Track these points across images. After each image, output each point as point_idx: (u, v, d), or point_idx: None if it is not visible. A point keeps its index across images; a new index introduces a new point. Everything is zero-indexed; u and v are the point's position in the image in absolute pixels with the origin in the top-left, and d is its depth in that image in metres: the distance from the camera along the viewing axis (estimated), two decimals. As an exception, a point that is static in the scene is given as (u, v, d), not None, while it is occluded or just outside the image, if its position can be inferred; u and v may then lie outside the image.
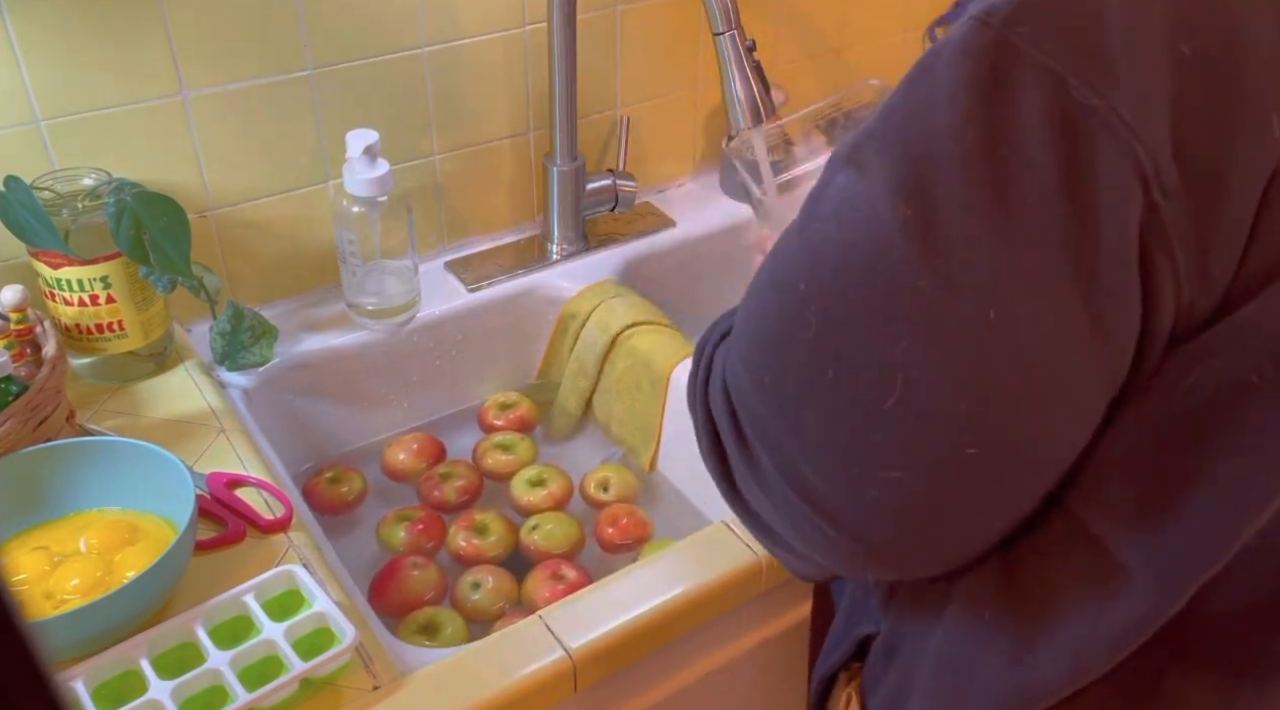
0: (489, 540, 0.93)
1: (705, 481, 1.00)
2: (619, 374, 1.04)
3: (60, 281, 0.85)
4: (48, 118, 0.86)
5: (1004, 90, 0.41)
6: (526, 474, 1.00)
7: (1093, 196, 0.40)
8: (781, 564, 0.59)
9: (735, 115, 0.97)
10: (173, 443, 0.83)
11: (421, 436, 1.04)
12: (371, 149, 0.95)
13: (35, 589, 0.69)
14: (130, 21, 0.86)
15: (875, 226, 0.43)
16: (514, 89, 1.09)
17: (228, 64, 0.92)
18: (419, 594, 0.88)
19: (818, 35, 1.30)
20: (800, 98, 1.32)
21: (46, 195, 0.84)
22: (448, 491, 0.98)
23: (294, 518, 0.79)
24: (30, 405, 0.76)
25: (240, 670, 0.66)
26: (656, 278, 1.16)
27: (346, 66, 0.98)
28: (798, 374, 0.47)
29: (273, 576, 0.72)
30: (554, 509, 0.98)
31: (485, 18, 1.03)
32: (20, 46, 0.83)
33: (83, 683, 0.64)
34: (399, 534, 0.94)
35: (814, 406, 0.46)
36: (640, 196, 1.20)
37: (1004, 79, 0.41)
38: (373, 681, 0.68)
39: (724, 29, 0.94)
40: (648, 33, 1.14)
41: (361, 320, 1.02)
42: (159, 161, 0.92)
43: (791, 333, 0.47)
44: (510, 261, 1.12)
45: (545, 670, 0.69)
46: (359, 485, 0.99)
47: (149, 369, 0.92)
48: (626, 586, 0.75)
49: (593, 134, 1.17)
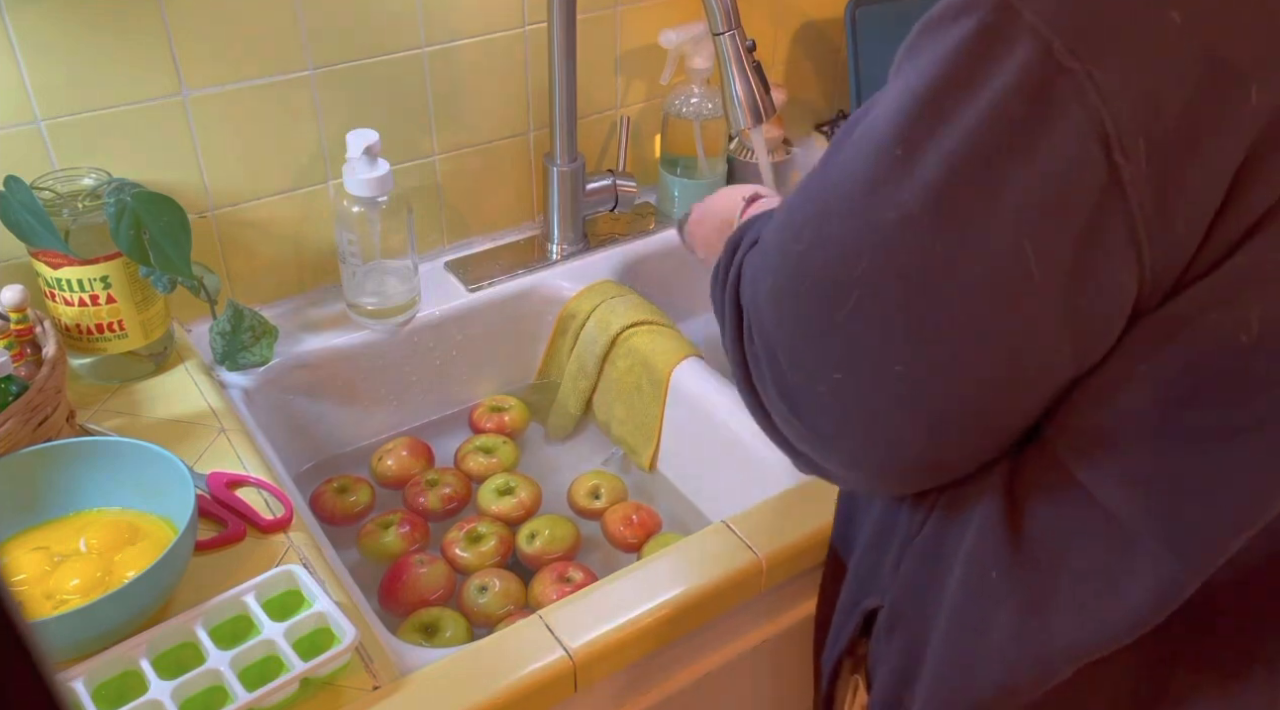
0: (484, 549, 0.93)
1: (705, 481, 1.01)
2: (619, 374, 1.04)
3: (60, 281, 0.85)
4: (48, 118, 0.86)
5: (997, 47, 0.43)
6: (494, 482, 0.99)
7: (1050, 156, 0.43)
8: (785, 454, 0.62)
9: (735, 115, 0.97)
10: (173, 443, 0.83)
11: (409, 441, 1.04)
12: (371, 149, 0.95)
13: (35, 589, 0.69)
14: (130, 21, 0.86)
15: (873, 159, 0.47)
16: (514, 89, 1.09)
17: (228, 64, 0.92)
18: (426, 592, 0.88)
19: (818, 35, 1.30)
20: (800, 98, 1.33)
21: (46, 195, 0.84)
22: (432, 499, 0.98)
23: (294, 518, 0.79)
24: (30, 405, 0.76)
25: (240, 670, 0.66)
26: (656, 278, 1.16)
27: (346, 66, 0.98)
28: (787, 279, 0.52)
29: (273, 576, 0.72)
30: (524, 517, 0.97)
31: (485, 18, 1.03)
32: (20, 46, 0.83)
33: (83, 683, 0.64)
34: (390, 538, 0.93)
35: (791, 308, 0.52)
36: (640, 196, 1.20)
37: (999, 37, 0.43)
38: (373, 681, 0.68)
39: (724, 29, 0.94)
40: (648, 32, 1.14)
41: (361, 320, 1.02)
42: (159, 161, 0.93)
43: (788, 240, 0.52)
44: (510, 261, 1.12)
45: (545, 670, 0.69)
46: (366, 496, 0.98)
47: (149, 369, 0.92)
48: (627, 586, 0.75)
49: (593, 134, 1.17)
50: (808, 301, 0.51)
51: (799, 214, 0.52)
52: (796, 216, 0.52)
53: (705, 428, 0.97)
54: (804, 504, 0.81)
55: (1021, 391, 0.49)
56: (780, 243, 0.53)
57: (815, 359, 0.51)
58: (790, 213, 0.53)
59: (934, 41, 0.46)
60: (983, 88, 0.44)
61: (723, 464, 0.96)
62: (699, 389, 0.98)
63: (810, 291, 0.50)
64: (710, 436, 0.96)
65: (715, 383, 0.97)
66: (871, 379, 0.49)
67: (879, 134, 0.48)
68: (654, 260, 1.17)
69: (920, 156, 0.46)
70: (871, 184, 0.47)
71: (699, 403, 0.97)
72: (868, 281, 0.48)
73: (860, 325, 0.49)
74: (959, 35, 0.45)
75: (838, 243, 0.49)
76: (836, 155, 0.51)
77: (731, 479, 0.95)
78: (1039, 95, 0.43)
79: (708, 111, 1.14)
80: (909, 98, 0.47)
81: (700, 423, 0.97)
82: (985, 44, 0.44)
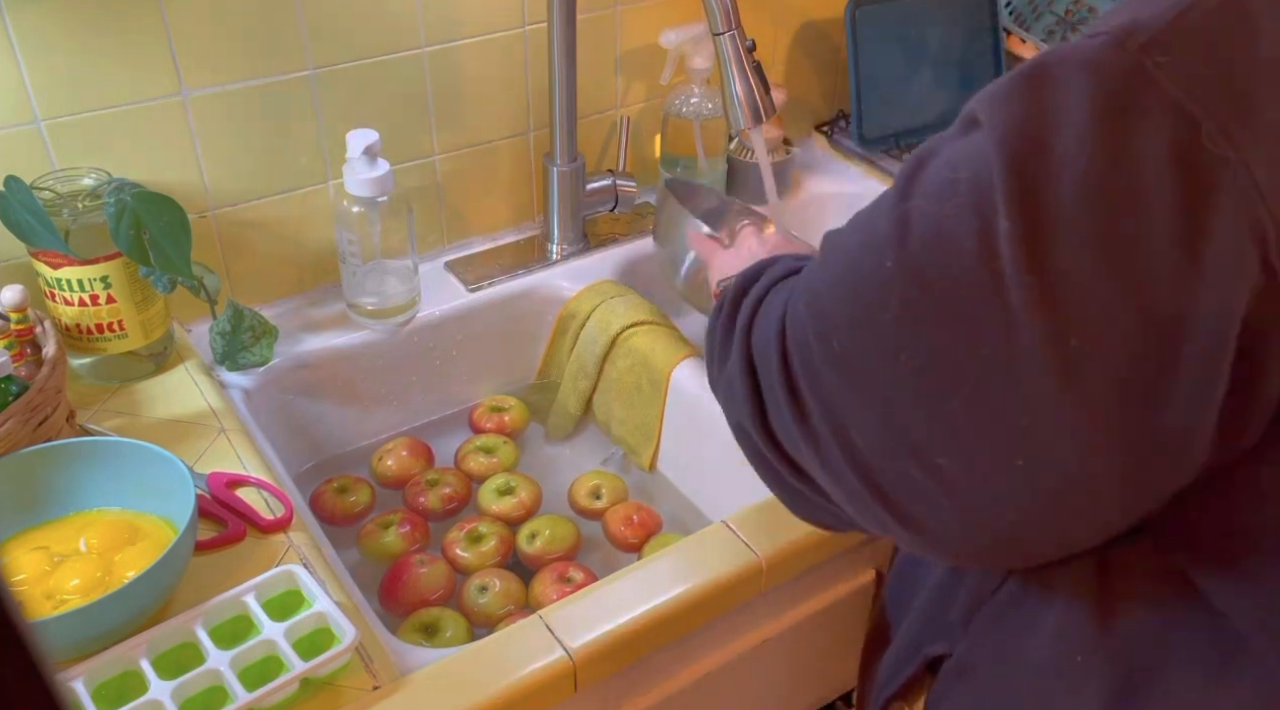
0: (484, 549, 0.93)
1: (705, 481, 1.01)
2: (619, 374, 1.04)
3: (60, 281, 0.85)
4: (48, 118, 0.86)
5: (1129, 120, 0.38)
6: (495, 482, 0.99)
7: (1204, 255, 0.38)
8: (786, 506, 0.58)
9: (735, 115, 0.97)
10: (173, 443, 0.83)
11: (409, 441, 1.04)
12: (371, 149, 0.95)
13: (35, 589, 0.69)
14: (130, 21, 0.86)
15: (974, 224, 0.41)
16: (514, 89, 1.09)
17: (228, 64, 0.92)
18: (427, 592, 0.88)
19: (818, 35, 1.30)
20: (800, 98, 1.33)
21: (46, 195, 0.84)
22: (432, 499, 0.98)
23: (294, 518, 0.79)
24: (30, 405, 0.76)
25: (240, 670, 0.66)
26: (656, 278, 1.16)
27: (346, 66, 0.98)
28: (870, 349, 0.46)
29: (273, 576, 0.72)
30: (525, 517, 0.97)
31: (485, 18, 1.03)
32: (20, 47, 0.83)
33: (83, 683, 0.64)
34: (390, 538, 0.93)
35: (878, 385, 0.46)
36: (640, 196, 1.20)
37: (1131, 108, 0.38)
38: (373, 681, 0.68)
39: (724, 29, 0.93)
40: (649, 32, 1.14)
41: (361, 320, 1.02)
42: (159, 161, 0.93)
43: (871, 309, 0.46)
44: (510, 261, 1.12)
45: (545, 670, 0.69)
46: (366, 496, 0.98)
47: (149, 369, 0.92)
48: (627, 586, 0.75)
49: (593, 134, 1.17)
50: (901, 381, 0.45)
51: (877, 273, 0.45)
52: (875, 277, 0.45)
53: (705, 428, 0.97)
54: (804, 504, 0.81)
55: (1145, 491, 0.45)
56: (856, 307, 0.46)
57: (908, 444, 0.46)
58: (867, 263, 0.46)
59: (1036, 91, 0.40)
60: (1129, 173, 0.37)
61: (723, 464, 0.95)
62: (699, 389, 0.98)
63: (908, 373, 0.44)
64: (710, 436, 0.96)
65: (715, 383, 0.97)
66: (986, 473, 0.44)
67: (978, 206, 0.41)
68: (654, 260, 1.16)
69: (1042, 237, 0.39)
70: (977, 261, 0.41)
71: (699, 403, 0.97)
72: (984, 375, 0.42)
73: (971, 417, 0.43)
74: (1077, 95, 0.38)
75: (943, 321, 0.43)
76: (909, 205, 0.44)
77: (731, 479, 0.95)
78: (1193, 188, 0.37)
79: (708, 111, 1.14)
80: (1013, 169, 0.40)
81: (700, 423, 0.97)
82: (1114, 114, 0.38)
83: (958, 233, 0.42)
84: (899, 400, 0.45)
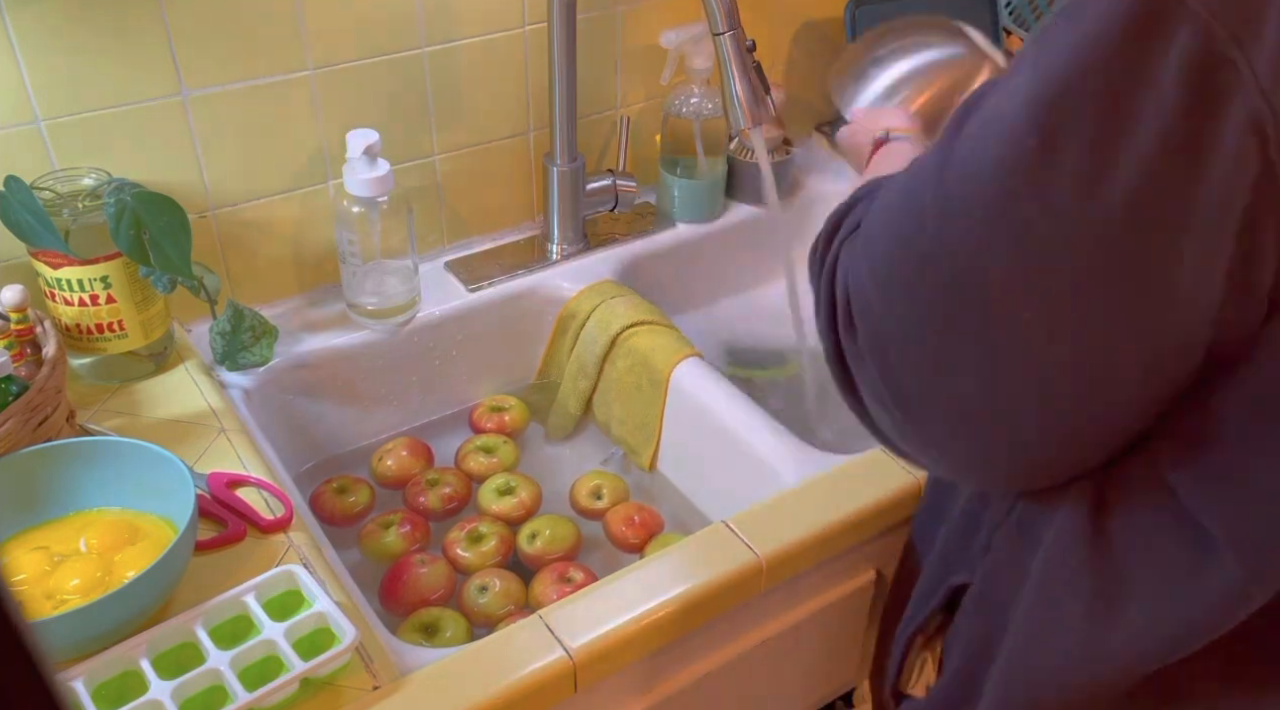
0: (484, 549, 0.93)
1: (705, 481, 1.01)
2: (619, 374, 1.04)
3: (60, 281, 0.85)
4: (48, 118, 0.86)
5: (1156, 37, 0.41)
6: (495, 482, 0.99)
7: (1208, 153, 0.41)
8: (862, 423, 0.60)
9: (735, 115, 0.97)
10: (173, 443, 0.83)
11: (409, 441, 1.04)
12: (371, 149, 0.95)
13: (35, 589, 0.69)
14: (130, 21, 0.86)
15: (1003, 149, 0.44)
16: (514, 89, 1.09)
17: (228, 64, 0.92)
18: (427, 592, 0.88)
19: (818, 35, 1.30)
20: (800, 98, 1.33)
21: (46, 195, 0.84)
22: (432, 499, 0.98)
23: (294, 518, 0.79)
24: (30, 405, 0.76)
25: (240, 670, 0.66)
26: (656, 278, 1.16)
27: (346, 66, 0.98)
28: (906, 277, 0.49)
29: (273, 576, 0.72)
30: (525, 517, 0.97)
31: (485, 18, 1.03)
32: (20, 47, 0.83)
33: (83, 683, 0.64)
34: (390, 538, 0.93)
35: (909, 308, 0.49)
36: (640, 196, 1.20)
37: (1158, 24, 0.41)
38: (373, 681, 0.68)
39: (724, 29, 0.93)
40: (649, 32, 1.14)
41: (361, 320, 1.02)
42: (159, 161, 0.93)
43: (908, 233, 0.49)
44: (510, 261, 1.12)
45: (545, 670, 0.69)
46: (366, 496, 0.98)
47: (149, 369, 0.92)
48: (627, 586, 0.75)
49: (593, 134, 1.17)
50: (932, 301, 0.48)
51: (914, 204, 0.49)
52: (913, 207, 0.49)
53: (705, 428, 0.97)
54: (804, 504, 0.81)
55: (1155, 391, 0.47)
56: (896, 235, 0.50)
57: (936, 359, 0.49)
58: (908, 201, 0.49)
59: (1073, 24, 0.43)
60: (1144, 82, 0.41)
61: (723, 464, 0.95)
62: (699, 389, 0.98)
63: (936, 291, 0.48)
64: (710, 436, 0.96)
65: (715, 382, 0.97)
66: (1005, 383, 0.47)
67: (1011, 123, 0.44)
68: (654, 260, 1.17)
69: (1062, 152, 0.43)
70: (1004, 183, 0.44)
71: (699, 403, 0.97)
72: (1009, 283, 0.45)
73: (999, 328, 0.46)
74: (1108, 16, 0.42)
75: (971, 240, 0.46)
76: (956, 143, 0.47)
77: (731, 479, 0.95)
78: (1204, 91, 0.40)
79: (708, 111, 1.14)
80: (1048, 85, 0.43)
81: (700, 423, 0.97)
82: (1140, 28, 0.41)
83: (986, 160, 0.45)
84: (930, 320, 0.48)
